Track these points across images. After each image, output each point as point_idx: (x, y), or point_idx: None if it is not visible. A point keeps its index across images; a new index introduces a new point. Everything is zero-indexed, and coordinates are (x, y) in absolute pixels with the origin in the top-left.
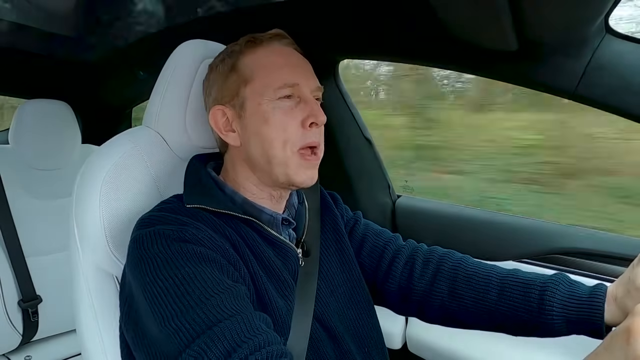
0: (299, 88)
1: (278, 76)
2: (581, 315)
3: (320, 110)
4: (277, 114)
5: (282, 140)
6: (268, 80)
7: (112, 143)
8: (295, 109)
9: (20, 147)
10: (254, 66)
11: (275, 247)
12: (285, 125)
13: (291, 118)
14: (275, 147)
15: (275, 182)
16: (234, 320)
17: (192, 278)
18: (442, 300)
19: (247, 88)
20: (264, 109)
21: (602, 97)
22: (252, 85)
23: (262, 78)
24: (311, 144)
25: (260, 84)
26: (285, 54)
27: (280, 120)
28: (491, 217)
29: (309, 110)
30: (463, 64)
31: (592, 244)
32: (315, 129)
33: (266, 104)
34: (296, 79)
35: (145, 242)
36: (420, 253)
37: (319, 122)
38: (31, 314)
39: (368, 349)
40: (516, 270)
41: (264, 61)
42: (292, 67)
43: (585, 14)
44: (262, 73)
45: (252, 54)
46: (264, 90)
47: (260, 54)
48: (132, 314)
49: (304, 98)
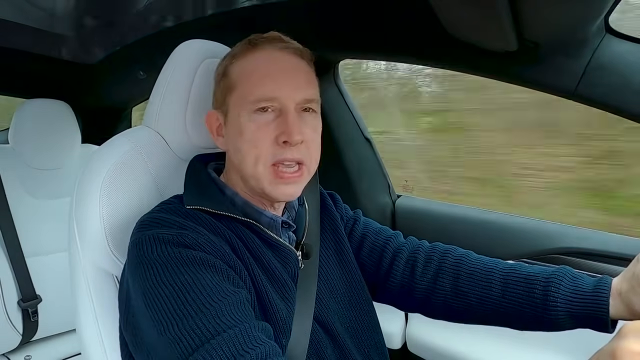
0: (280, 101)
1: (256, 88)
2: (586, 310)
3: (298, 128)
4: (250, 128)
5: (254, 155)
6: (247, 91)
7: (112, 143)
8: (271, 124)
9: (20, 147)
10: (239, 74)
11: (275, 250)
12: (256, 141)
13: (264, 133)
14: (247, 163)
15: (256, 193)
16: (232, 332)
17: (192, 285)
18: (445, 297)
19: (232, 96)
20: (240, 121)
21: (602, 97)
22: (236, 93)
23: (242, 88)
24: (282, 161)
25: (241, 94)
26: (274, 61)
27: (252, 136)
28: (491, 217)
29: (284, 127)
30: (463, 64)
31: (592, 244)
32: (289, 147)
33: (243, 115)
34: (276, 91)
35: (145, 246)
36: (421, 250)
37: (291, 142)
38: (31, 314)
39: (368, 349)
40: (519, 265)
41: (248, 69)
42: (274, 78)
43: (585, 14)
44: (243, 82)
45: (243, 59)
46: (242, 101)
47: (248, 61)
48: (130, 317)
49: (284, 112)
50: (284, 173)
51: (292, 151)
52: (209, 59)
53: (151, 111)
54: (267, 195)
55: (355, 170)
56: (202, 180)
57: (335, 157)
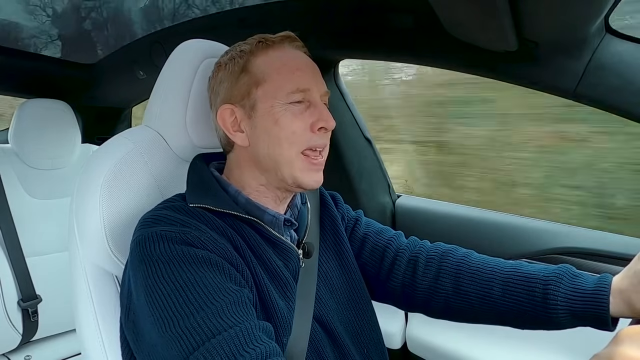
0: (310, 93)
1: (291, 80)
2: (586, 308)
3: (330, 115)
4: (287, 116)
5: (290, 141)
6: (281, 83)
7: (112, 143)
8: (305, 113)
9: (20, 147)
10: (267, 68)
11: (277, 248)
12: (294, 127)
13: (301, 121)
14: (283, 147)
15: (282, 183)
16: (233, 332)
17: (194, 283)
18: (447, 296)
19: (258, 90)
20: (275, 111)
21: (602, 97)
22: (264, 87)
23: (275, 81)
24: (317, 147)
25: (273, 87)
26: (297, 57)
27: (290, 122)
28: (491, 217)
29: (318, 114)
30: (463, 64)
31: (592, 244)
32: (322, 133)
33: (278, 106)
34: (308, 83)
35: (148, 243)
36: (423, 250)
37: (328, 127)
38: (31, 314)
39: (367, 349)
40: (520, 264)
41: (276, 64)
42: (304, 71)
43: (585, 14)
44: (275, 76)
45: (264, 55)
46: (276, 93)
47: (272, 56)
48: (132, 315)
49: (313, 102)
50: (315, 159)
51: (323, 137)
52: (209, 59)
53: (151, 111)
54: (294, 184)
55: (355, 170)
56: (205, 178)
57: (335, 157)
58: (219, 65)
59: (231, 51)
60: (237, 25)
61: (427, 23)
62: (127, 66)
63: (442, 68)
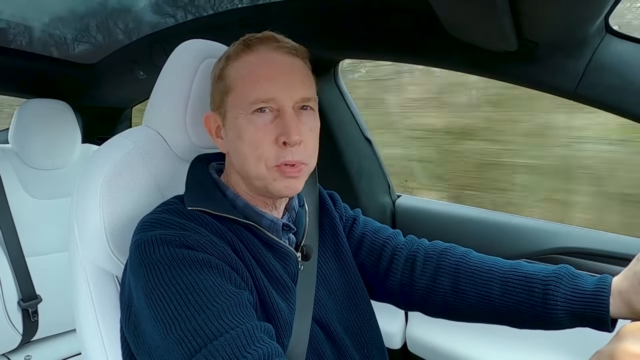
0: (277, 101)
1: (253, 89)
2: (586, 309)
3: (296, 128)
4: (250, 130)
5: (256, 157)
6: (243, 93)
7: (112, 143)
8: (270, 125)
9: (20, 147)
10: (235, 76)
11: (275, 252)
12: (257, 142)
13: (264, 135)
14: (250, 164)
15: (258, 192)
16: (235, 333)
17: (195, 286)
18: (445, 296)
19: (228, 98)
20: (239, 122)
21: (602, 97)
22: (232, 95)
23: (239, 90)
24: (286, 163)
25: (238, 96)
26: (269, 62)
27: (252, 137)
28: (491, 216)
29: (282, 127)
30: (463, 64)
31: (592, 244)
32: (292, 147)
33: (242, 117)
34: (272, 92)
35: (147, 247)
36: (421, 249)
37: (290, 142)
38: (31, 314)
39: (367, 350)
40: (519, 263)
41: (243, 71)
42: (270, 79)
43: (585, 14)
44: (239, 84)
45: (237, 61)
46: (239, 103)
47: (243, 62)
48: (132, 317)
49: (282, 112)
50: (286, 169)
51: (293, 153)
52: (209, 59)
53: (151, 111)
54: (270, 193)
55: (355, 170)
56: (204, 181)
57: (335, 157)
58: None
59: (223, 54)
60: (237, 25)
61: (427, 23)
62: (127, 66)
63: (442, 68)
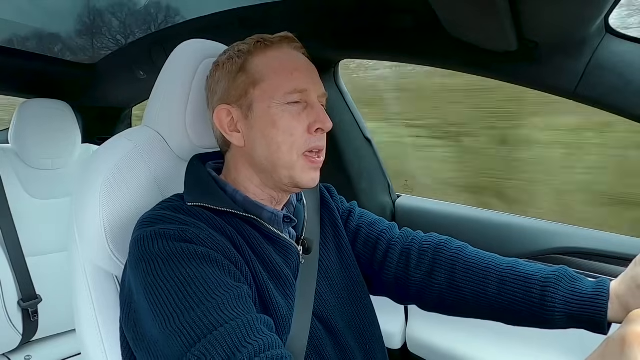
0: (308, 94)
1: (289, 81)
2: (584, 312)
3: (327, 116)
4: (285, 117)
5: (289, 144)
6: (278, 83)
7: (112, 143)
8: (302, 114)
9: (20, 147)
10: (265, 68)
11: (276, 245)
12: (292, 129)
13: (298, 123)
14: (282, 151)
15: (278, 184)
16: (234, 324)
17: (194, 279)
18: (441, 291)
19: (256, 90)
20: (272, 112)
21: (602, 97)
22: (262, 87)
23: (272, 81)
24: (316, 149)
25: (271, 87)
26: (295, 58)
27: (288, 125)
28: (491, 216)
29: (316, 116)
30: (463, 64)
31: (592, 244)
32: (320, 134)
33: (275, 107)
34: (306, 84)
35: (146, 241)
36: (415, 242)
37: (325, 129)
38: (31, 314)
39: (368, 345)
40: (516, 261)
41: (274, 64)
42: (302, 72)
43: (585, 14)
44: (272, 76)
45: (262, 55)
46: (274, 93)
47: (270, 56)
48: (132, 313)
49: (311, 103)
50: (313, 157)
51: (321, 139)
52: (209, 59)
53: (151, 111)
54: (291, 184)
55: (355, 170)
56: (202, 178)
57: (335, 157)
58: (216, 65)
59: (229, 51)
60: (237, 25)
61: (427, 23)
62: (127, 66)
63: (442, 68)
